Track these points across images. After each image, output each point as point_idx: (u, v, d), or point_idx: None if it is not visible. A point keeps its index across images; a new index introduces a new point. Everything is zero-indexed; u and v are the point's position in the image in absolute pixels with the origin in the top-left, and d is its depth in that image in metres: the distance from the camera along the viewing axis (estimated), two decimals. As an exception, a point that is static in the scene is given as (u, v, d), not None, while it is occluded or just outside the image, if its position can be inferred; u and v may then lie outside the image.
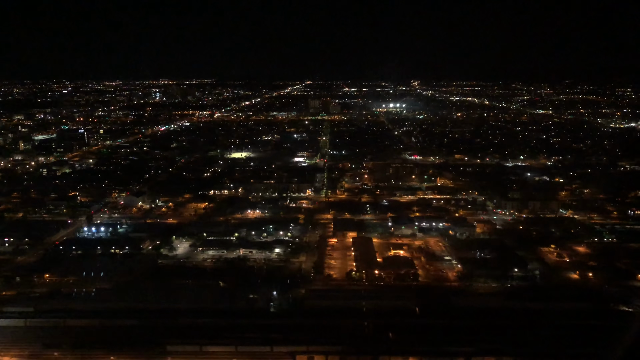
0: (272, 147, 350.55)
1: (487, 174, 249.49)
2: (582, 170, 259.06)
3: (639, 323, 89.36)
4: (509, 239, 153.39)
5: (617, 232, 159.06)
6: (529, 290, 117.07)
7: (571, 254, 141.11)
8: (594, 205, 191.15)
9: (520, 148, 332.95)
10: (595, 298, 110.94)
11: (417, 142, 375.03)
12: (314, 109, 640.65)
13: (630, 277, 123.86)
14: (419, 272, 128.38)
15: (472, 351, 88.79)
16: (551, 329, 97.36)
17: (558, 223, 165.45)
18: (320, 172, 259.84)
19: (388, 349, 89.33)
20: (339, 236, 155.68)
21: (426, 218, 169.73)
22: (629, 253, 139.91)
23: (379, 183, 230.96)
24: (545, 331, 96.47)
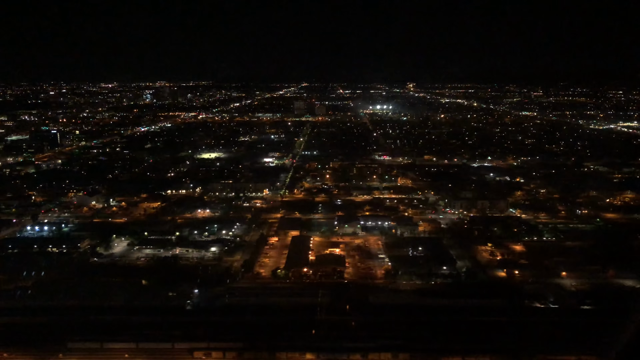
0: (245, 147, 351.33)
1: (449, 174, 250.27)
2: (545, 171, 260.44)
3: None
4: (448, 237, 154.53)
5: (558, 231, 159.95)
6: (451, 288, 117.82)
7: (506, 252, 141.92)
8: (545, 204, 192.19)
9: (492, 149, 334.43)
10: (512, 295, 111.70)
11: (392, 143, 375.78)
12: (299, 110, 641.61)
13: (554, 275, 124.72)
14: (349, 270, 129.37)
15: (372, 347, 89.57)
16: (454, 324, 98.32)
17: (502, 222, 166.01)
18: (285, 172, 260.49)
19: (287, 345, 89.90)
20: (281, 235, 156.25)
21: (372, 217, 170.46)
22: (562, 251, 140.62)
23: (339, 183, 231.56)
24: (446, 326, 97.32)
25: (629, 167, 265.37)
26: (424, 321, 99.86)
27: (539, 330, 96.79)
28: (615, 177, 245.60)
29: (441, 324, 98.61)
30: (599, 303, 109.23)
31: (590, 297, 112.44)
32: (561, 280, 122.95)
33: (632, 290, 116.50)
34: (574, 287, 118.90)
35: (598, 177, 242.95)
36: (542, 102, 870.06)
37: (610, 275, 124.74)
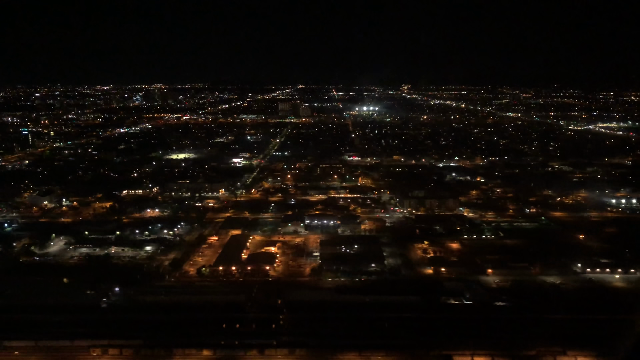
0: (219, 148, 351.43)
1: (412, 175, 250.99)
2: (509, 171, 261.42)
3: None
4: (388, 235, 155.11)
5: (500, 229, 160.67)
6: (373, 285, 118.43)
7: (441, 249, 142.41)
8: (496, 203, 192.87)
9: (464, 149, 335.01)
10: (429, 292, 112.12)
11: (367, 143, 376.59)
12: (284, 112, 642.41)
13: (480, 272, 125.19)
14: (279, 268, 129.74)
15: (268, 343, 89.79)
16: (362, 321, 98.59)
17: (445, 220, 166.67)
18: (250, 172, 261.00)
19: (185, 342, 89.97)
20: (221, 234, 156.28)
21: (318, 216, 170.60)
22: (497, 249, 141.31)
23: (300, 183, 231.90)
24: (353, 323, 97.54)
25: (592, 167, 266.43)
26: (332, 317, 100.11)
27: (444, 326, 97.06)
28: (576, 176, 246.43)
29: (349, 321, 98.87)
30: (514, 299, 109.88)
31: (508, 294, 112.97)
32: (486, 277, 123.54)
33: (550, 287, 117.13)
34: (496, 284, 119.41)
35: (559, 176, 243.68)
36: (530, 104, 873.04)
37: (535, 272, 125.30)
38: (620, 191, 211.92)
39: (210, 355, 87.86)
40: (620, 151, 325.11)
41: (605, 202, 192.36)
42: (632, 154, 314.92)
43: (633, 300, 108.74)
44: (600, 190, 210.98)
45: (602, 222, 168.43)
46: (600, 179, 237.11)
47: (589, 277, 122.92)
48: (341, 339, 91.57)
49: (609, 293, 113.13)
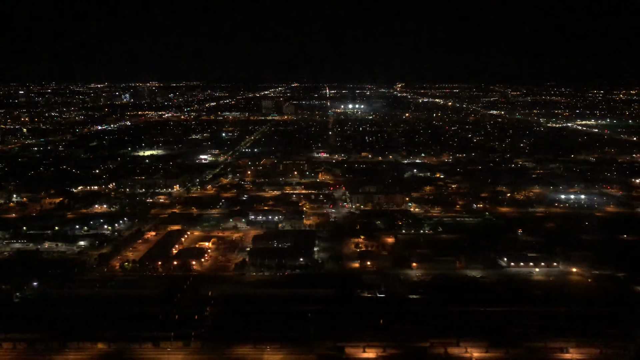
0: (191, 145, 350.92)
1: (372, 171, 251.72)
2: (472, 167, 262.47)
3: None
4: (328, 230, 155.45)
5: (440, 224, 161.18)
6: (295, 278, 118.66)
7: (375, 244, 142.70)
8: (446, 199, 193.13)
9: (434, 146, 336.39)
10: (347, 285, 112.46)
11: (341, 140, 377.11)
12: (267, 109, 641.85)
13: (405, 266, 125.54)
14: (207, 263, 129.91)
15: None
16: (270, 313, 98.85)
17: (389, 215, 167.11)
18: (212, 168, 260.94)
19: (80, 335, 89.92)
20: (160, 229, 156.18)
21: (262, 211, 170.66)
22: (429, 243, 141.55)
23: (258, 179, 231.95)
24: (261, 316, 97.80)
25: (555, 163, 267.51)
26: (240, 311, 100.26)
27: (348, 318, 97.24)
28: (537, 172, 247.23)
29: (256, 314, 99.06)
30: (428, 292, 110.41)
31: (425, 287, 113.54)
32: (409, 270, 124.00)
33: (468, 280, 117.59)
34: (417, 277, 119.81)
35: (518, 172, 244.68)
36: (518, 102, 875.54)
37: (460, 266, 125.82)
38: (574, 187, 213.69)
39: (105, 349, 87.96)
40: (589, 148, 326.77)
41: (555, 198, 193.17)
42: (599, 150, 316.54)
43: (542, 293, 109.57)
44: (554, 187, 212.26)
45: (544, 218, 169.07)
46: (560, 175, 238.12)
47: (512, 271, 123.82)
48: (242, 332, 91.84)
49: (523, 286, 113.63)
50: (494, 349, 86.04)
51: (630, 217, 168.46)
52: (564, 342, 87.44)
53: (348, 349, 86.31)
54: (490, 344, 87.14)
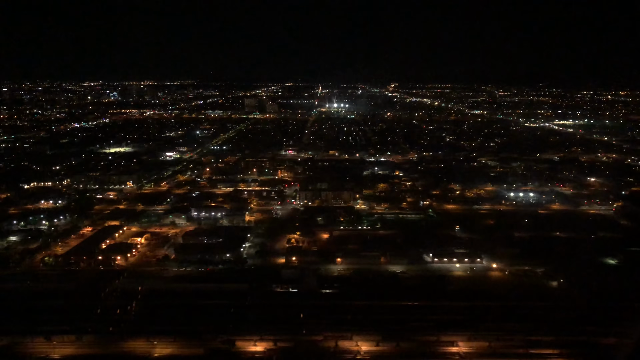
0: (161, 142, 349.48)
1: (333, 168, 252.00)
2: (434, 165, 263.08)
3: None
4: (266, 226, 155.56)
5: (381, 220, 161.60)
6: (218, 273, 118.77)
7: (310, 240, 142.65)
8: (397, 196, 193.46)
9: (404, 144, 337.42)
10: (265, 280, 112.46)
11: (315, 138, 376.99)
12: (249, 107, 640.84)
13: (329, 261, 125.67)
14: (133, 258, 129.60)
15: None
16: (178, 307, 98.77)
17: (332, 212, 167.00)
18: (174, 165, 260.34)
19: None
20: (99, 225, 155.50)
21: (206, 208, 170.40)
22: (363, 239, 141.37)
23: (216, 176, 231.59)
24: (166, 310, 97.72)
25: (517, 162, 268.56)
26: (149, 305, 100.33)
27: (252, 312, 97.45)
28: (496, 171, 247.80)
29: (163, 308, 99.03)
30: (343, 287, 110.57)
31: (343, 282, 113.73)
32: (333, 265, 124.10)
33: (388, 275, 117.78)
34: (338, 272, 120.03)
35: (478, 171, 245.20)
36: (504, 102, 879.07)
37: (383, 262, 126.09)
38: (527, 185, 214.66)
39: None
40: (557, 147, 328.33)
41: (505, 196, 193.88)
42: (566, 150, 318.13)
43: (454, 288, 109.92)
44: (508, 184, 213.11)
45: (486, 215, 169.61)
46: (518, 173, 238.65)
47: (435, 267, 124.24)
48: (140, 326, 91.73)
49: (438, 281, 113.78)
50: (385, 343, 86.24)
51: (571, 215, 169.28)
52: (457, 335, 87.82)
53: (239, 342, 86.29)
54: (382, 337, 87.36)
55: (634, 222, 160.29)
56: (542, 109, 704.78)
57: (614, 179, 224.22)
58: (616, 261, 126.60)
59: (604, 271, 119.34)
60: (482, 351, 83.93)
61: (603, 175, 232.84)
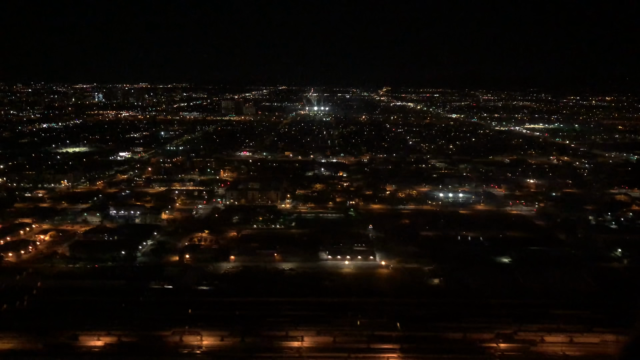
0: (122, 143, 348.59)
1: (280, 169, 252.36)
2: (382, 167, 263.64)
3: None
4: (178, 225, 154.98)
5: (299, 219, 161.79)
6: (106, 270, 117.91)
7: (216, 238, 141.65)
8: (328, 196, 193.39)
9: (362, 146, 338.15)
10: (145, 277, 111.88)
11: (278, 140, 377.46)
12: (226, 110, 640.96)
13: (222, 259, 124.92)
14: (26, 255, 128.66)
15: None
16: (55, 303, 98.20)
17: (251, 211, 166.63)
18: (121, 165, 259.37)
19: None
20: (10, 222, 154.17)
21: (124, 206, 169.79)
22: (269, 237, 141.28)
23: (156, 176, 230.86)
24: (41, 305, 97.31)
25: (466, 164, 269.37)
26: (12, 301, 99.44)
27: (115, 308, 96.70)
28: (441, 172, 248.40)
29: (29, 304, 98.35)
30: (223, 284, 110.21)
31: (223, 279, 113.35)
32: (225, 263, 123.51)
33: (274, 272, 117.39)
34: (225, 270, 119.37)
35: (422, 172, 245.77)
36: (487, 106, 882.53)
37: (277, 259, 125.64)
38: (463, 186, 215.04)
39: None
40: (513, 150, 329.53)
41: (434, 196, 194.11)
42: (521, 152, 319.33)
43: (332, 284, 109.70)
44: (444, 185, 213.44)
45: (406, 215, 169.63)
46: (460, 175, 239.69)
47: (328, 264, 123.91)
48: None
49: (320, 278, 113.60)
50: (230, 338, 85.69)
51: (488, 215, 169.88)
52: (307, 330, 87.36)
53: (83, 337, 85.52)
54: (230, 333, 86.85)
55: (549, 222, 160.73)
56: (520, 113, 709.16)
57: (553, 180, 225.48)
58: (509, 260, 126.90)
59: (492, 270, 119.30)
60: (325, 346, 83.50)
61: (544, 177, 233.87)
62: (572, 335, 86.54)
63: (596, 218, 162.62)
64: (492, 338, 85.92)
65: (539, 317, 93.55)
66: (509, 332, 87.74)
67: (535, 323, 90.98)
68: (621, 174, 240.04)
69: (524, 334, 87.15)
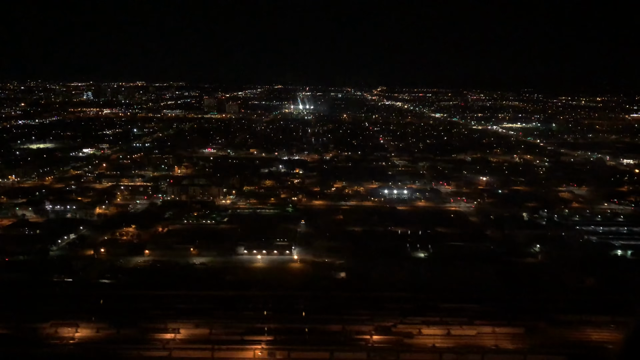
0: (90, 139, 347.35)
1: (237, 166, 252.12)
2: (342, 164, 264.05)
3: None
4: (108, 219, 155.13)
5: (233, 215, 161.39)
6: (9, 264, 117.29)
7: (140, 233, 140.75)
8: (274, 193, 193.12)
9: (331, 144, 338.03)
10: (48, 270, 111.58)
11: (249, 137, 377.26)
12: (208, 107, 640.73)
13: (137, 253, 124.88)
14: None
15: None
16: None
17: (185, 206, 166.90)
18: (80, 161, 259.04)
19: None
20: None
21: (60, 201, 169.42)
22: (193, 233, 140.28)
23: (110, 172, 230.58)
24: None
25: (426, 162, 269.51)
26: None
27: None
28: (398, 169, 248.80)
29: None
30: (125, 277, 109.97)
31: (128, 273, 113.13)
32: (139, 257, 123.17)
33: (183, 266, 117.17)
34: (135, 264, 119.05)
35: (376, 169, 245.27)
36: (475, 106, 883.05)
37: (193, 254, 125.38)
38: (414, 183, 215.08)
39: None
40: (480, 148, 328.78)
41: (379, 193, 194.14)
42: (487, 151, 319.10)
43: (234, 279, 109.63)
44: (394, 182, 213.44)
45: (343, 210, 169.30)
46: (414, 172, 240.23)
47: (243, 259, 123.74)
48: None
49: (225, 272, 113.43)
50: (107, 330, 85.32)
51: (426, 212, 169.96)
52: (186, 323, 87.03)
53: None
54: (109, 324, 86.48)
55: (482, 218, 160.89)
56: (504, 113, 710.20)
57: (505, 178, 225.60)
58: (425, 255, 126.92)
59: (404, 264, 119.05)
60: (198, 338, 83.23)
61: (498, 174, 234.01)
62: (450, 327, 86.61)
63: (531, 215, 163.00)
64: (370, 330, 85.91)
65: (427, 310, 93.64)
66: (390, 324, 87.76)
67: (421, 316, 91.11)
68: (576, 173, 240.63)
69: (403, 327, 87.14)
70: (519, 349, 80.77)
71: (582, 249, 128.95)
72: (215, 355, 77.98)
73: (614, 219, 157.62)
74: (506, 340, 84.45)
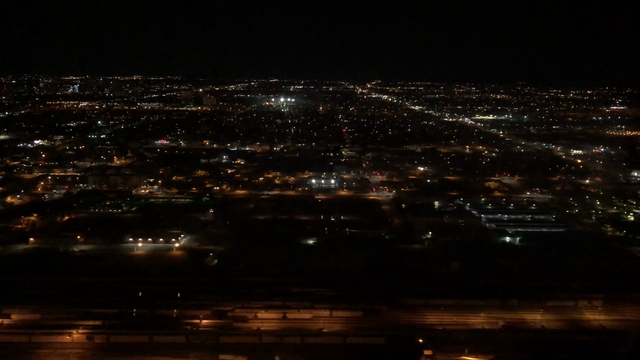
0: (48, 131, 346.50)
1: (181, 156, 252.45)
2: (289, 155, 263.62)
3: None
4: (13, 208, 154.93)
5: (146, 204, 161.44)
6: None
7: (38, 222, 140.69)
8: (199, 182, 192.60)
9: (289, 136, 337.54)
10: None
11: (211, 129, 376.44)
12: (185, 100, 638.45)
13: (21, 241, 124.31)
14: None
15: None
16: None
17: (102, 195, 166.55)
18: (22, 152, 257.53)
19: None
20: None
21: None
22: (99, 220, 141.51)
23: (48, 162, 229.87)
24: None
25: (374, 152, 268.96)
26: None
27: None
28: (342, 160, 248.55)
29: None
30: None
31: (5, 260, 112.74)
32: (22, 245, 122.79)
33: (60, 254, 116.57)
34: (15, 251, 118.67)
35: (320, 160, 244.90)
36: (459, 98, 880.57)
37: (80, 241, 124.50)
38: (349, 173, 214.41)
39: None
40: (438, 139, 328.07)
41: (307, 182, 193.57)
42: (443, 142, 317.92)
43: (103, 265, 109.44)
44: (327, 172, 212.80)
45: (260, 200, 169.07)
46: (352, 162, 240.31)
47: (127, 246, 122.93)
48: None
49: (101, 260, 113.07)
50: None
51: (342, 200, 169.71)
52: (29, 307, 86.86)
53: None
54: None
55: (394, 207, 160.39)
56: (483, 105, 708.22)
57: (444, 168, 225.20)
58: (314, 241, 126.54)
59: (285, 250, 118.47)
60: (26, 323, 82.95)
61: (440, 165, 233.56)
62: (287, 311, 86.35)
63: (444, 203, 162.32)
64: (205, 315, 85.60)
65: (277, 294, 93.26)
66: (229, 309, 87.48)
67: (266, 300, 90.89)
68: (517, 163, 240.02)
69: (241, 311, 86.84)
70: (339, 331, 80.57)
71: (472, 236, 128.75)
72: (33, 340, 77.70)
73: (524, 208, 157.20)
74: (339, 324, 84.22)
